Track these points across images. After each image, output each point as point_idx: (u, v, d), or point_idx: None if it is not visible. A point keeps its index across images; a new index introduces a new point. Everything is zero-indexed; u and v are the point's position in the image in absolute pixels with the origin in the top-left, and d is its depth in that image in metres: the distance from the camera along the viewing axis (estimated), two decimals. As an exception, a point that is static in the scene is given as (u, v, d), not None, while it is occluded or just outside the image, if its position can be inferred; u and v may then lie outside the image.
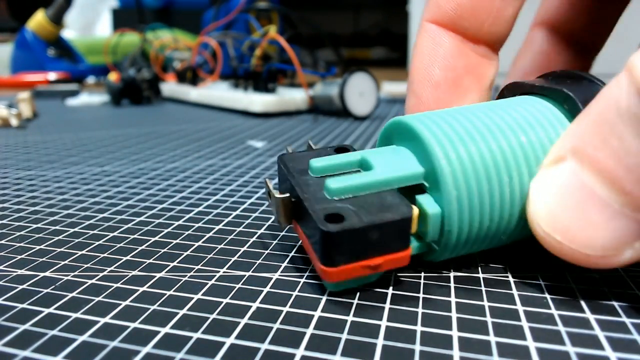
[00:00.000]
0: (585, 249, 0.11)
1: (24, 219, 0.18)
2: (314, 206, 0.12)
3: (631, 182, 0.10)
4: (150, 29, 0.82)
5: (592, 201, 0.10)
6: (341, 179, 0.12)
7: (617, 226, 0.10)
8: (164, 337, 0.10)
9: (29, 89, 0.67)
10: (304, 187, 0.13)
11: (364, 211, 0.11)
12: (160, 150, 0.31)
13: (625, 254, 0.10)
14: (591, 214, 0.10)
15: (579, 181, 0.10)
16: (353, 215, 0.11)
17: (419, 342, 0.10)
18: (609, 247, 0.10)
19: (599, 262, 0.11)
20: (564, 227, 0.11)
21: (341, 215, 0.11)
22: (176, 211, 0.19)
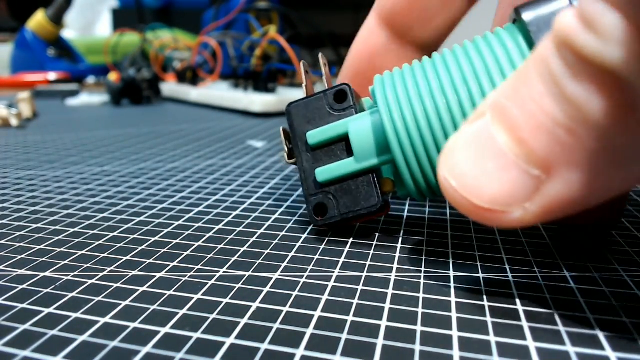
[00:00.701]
0: (474, 198, 0.10)
1: (24, 219, 0.18)
2: (307, 196, 0.16)
3: (530, 133, 0.09)
4: (150, 29, 0.82)
5: (491, 149, 0.10)
6: (327, 170, 0.15)
7: (509, 178, 0.10)
8: (164, 337, 0.10)
9: (29, 89, 0.67)
10: (302, 161, 0.16)
11: (341, 199, 0.15)
12: (160, 150, 0.31)
13: (514, 213, 0.10)
14: (487, 161, 0.10)
15: (485, 130, 0.10)
16: (334, 206, 0.15)
17: (419, 342, 0.10)
18: (497, 201, 0.10)
19: (485, 215, 0.10)
20: (461, 173, 0.10)
21: (325, 206, 0.16)
22: (176, 211, 0.19)
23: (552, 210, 0.10)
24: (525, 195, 0.10)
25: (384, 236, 0.16)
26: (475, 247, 0.15)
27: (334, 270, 0.14)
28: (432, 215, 0.18)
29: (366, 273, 0.13)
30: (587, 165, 0.09)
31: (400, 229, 0.17)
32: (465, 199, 0.10)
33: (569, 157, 0.09)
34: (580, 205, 0.10)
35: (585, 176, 0.09)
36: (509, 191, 0.10)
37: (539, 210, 0.10)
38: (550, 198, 0.09)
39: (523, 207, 0.10)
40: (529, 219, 0.10)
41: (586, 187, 0.09)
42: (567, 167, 0.09)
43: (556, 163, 0.09)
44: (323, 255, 0.15)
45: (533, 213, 0.10)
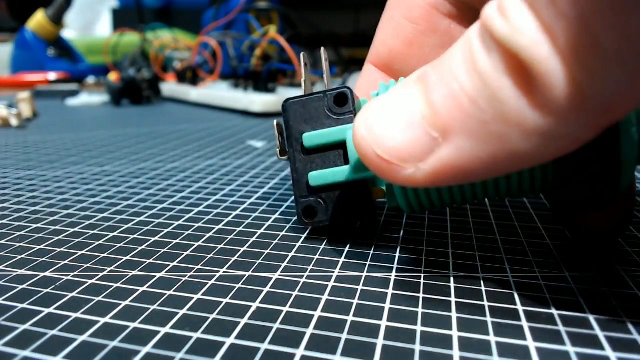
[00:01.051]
0: (377, 147, 0.11)
1: (24, 219, 0.18)
2: (297, 197, 0.16)
3: (440, 97, 0.10)
4: (150, 29, 0.82)
5: (405, 107, 0.11)
6: (321, 175, 0.15)
7: (411, 135, 0.10)
8: (164, 337, 0.10)
9: (29, 89, 0.67)
10: (295, 164, 0.16)
11: (332, 207, 0.15)
12: (160, 150, 0.31)
13: (408, 169, 0.11)
14: (398, 117, 0.11)
15: (406, 91, 0.11)
16: (322, 210, 0.15)
17: (419, 342, 0.10)
18: (396, 155, 0.11)
19: (382, 166, 0.11)
20: (373, 123, 0.11)
21: (315, 210, 0.16)
22: (176, 211, 0.19)
23: (441, 174, 0.10)
24: (420, 154, 0.10)
25: (384, 236, 0.16)
26: (475, 247, 0.15)
27: (334, 270, 0.14)
28: (432, 215, 0.18)
29: (366, 273, 0.13)
30: (480, 135, 0.10)
31: (400, 229, 0.17)
32: (369, 146, 0.11)
33: (466, 125, 0.10)
34: (467, 174, 0.10)
35: (475, 145, 0.10)
36: (408, 147, 0.11)
37: (429, 170, 0.10)
38: (440, 161, 0.10)
39: (416, 166, 0.11)
40: (419, 178, 0.11)
41: (474, 156, 0.10)
42: (462, 134, 0.10)
43: (454, 129, 0.10)
44: (323, 255, 0.15)
45: (423, 172, 0.10)
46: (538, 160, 0.10)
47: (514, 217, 0.18)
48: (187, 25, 1.00)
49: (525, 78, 0.09)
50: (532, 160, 0.10)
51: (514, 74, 0.09)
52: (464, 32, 0.11)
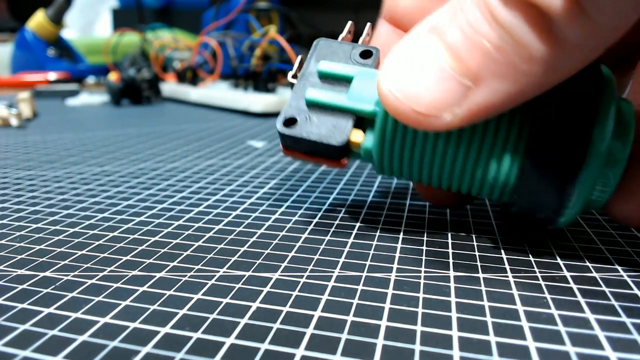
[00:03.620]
0: (414, 105, 0.12)
1: (24, 219, 0.18)
2: (289, 105, 0.15)
3: (466, 51, 0.11)
4: (150, 29, 0.82)
5: (432, 65, 0.12)
6: (318, 92, 0.15)
7: (445, 87, 0.12)
8: (164, 337, 0.10)
9: (29, 89, 0.67)
10: (302, 80, 0.16)
11: (315, 125, 0.15)
12: (160, 150, 0.31)
13: (445, 116, 0.12)
14: (428, 75, 0.12)
15: (427, 49, 0.12)
16: (303, 125, 0.15)
17: (419, 342, 0.10)
18: (433, 106, 0.12)
19: (421, 120, 0.12)
20: (404, 85, 0.12)
21: (296, 121, 0.15)
22: (176, 211, 0.19)
23: (477, 114, 0.12)
24: (455, 101, 0.12)
25: (384, 236, 0.16)
26: (475, 247, 0.15)
27: (334, 270, 0.14)
28: (432, 216, 0.18)
29: (366, 273, 0.13)
30: (510, 76, 0.11)
31: (400, 229, 0.17)
32: (406, 106, 0.12)
33: (496, 70, 0.11)
34: (497, 109, 0.12)
35: (506, 85, 0.11)
36: (443, 98, 0.12)
37: (466, 113, 0.12)
38: (475, 103, 0.12)
39: (452, 111, 0.12)
40: (455, 121, 0.12)
41: (506, 93, 0.11)
42: (493, 78, 0.11)
43: (484, 74, 0.11)
44: (323, 255, 0.15)
45: (459, 116, 0.12)
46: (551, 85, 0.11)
47: (514, 217, 0.18)
48: (187, 25, 1.00)
49: (543, 21, 0.10)
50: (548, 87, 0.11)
51: (533, 20, 0.10)
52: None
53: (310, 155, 0.15)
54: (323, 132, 0.15)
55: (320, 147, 0.15)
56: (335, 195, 0.21)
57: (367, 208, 0.19)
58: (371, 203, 0.19)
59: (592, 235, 0.16)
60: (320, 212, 0.18)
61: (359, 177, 0.23)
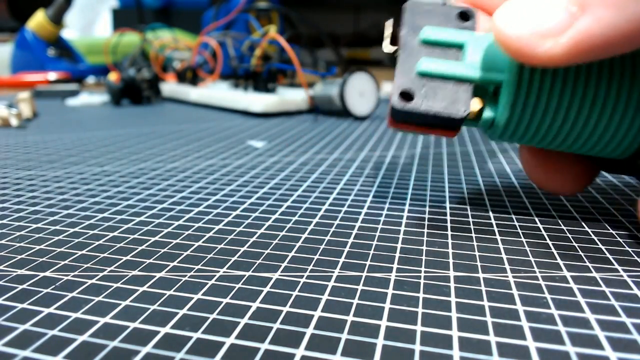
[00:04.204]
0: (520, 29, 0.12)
1: (24, 219, 0.18)
2: (399, 77, 0.15)
3: None
4: (150, 29, 0.82)
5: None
6: (432, 64, 0.14)
7: (551, 13, 0.12)
8: (164, 337, 0.10)
9: (29, 89, 0.67)
10: (406, 52, 0.15)
11: (431, 97, 0.14)
12: (160, 150, 0.31)
13: (547, 43, 0.12)
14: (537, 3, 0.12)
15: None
16: (419, 98, 0.14)
17: (419, 342, 0.10)
18: (536, 31, 0.12)
19: (522, 45, 0.12)
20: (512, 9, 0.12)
21: (411, 95, 0.14)
22: (176, 211, 0.19)
23: (578, 46, 0.11)
24: (560, 28, 0.12)
25: (384, 236, 0.16)
26: (475, 247, 0.15)
27: (334, 270, 0.14)
28: (432, 216, 0.18)
29: (366, 273, 0.13)
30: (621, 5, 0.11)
31: (401, 229, 0.17)
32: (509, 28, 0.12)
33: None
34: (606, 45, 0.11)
35: (613, 13, 0.11)
36: (547, 23, 0.12)
37: (568, 42, 0.11)
38: (579, 32, 0.11)
39: (555, 39, 0.12)
40: (557, 51, 0.12)
41: (612, 23, 0.11)
42: (599, 4, 0.11)
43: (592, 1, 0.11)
44: (323, 255, 0.15)
45: (562, 45, 0.11)
46: None
47: (514, 217, 0.18)
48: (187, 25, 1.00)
49: None
50: None
51: None
52: None
53: (423, 127, 0.15)
54: (443, 104, 0.14)
55: (439, 120, 0.14)
56: (336, 195, 0.21)
57: (367, 208, 0.19)
58: (371, 203, 0.19)
59: (592, 236, 0.16)
60: (321, 212, 0.18)
61: (358, 177, 0.23)
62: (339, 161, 0.27)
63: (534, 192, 0.21)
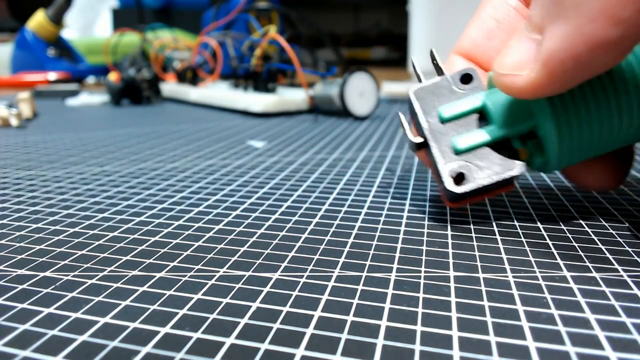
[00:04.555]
0: (501, 69, 0.13)
1: (24, 219, 0.18)
2: (443, 164, 0.15)
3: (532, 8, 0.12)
4: (150, 29, 0.82)
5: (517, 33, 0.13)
6: (466, 138, 0.15)
7: (521, 46, 0.13)
8: (164, 337, 0.10)
9: (29, 89, 0.67)
10: (434, 137, 0.16)
11: (482, 168, 0.15)
12: (160, 150, 0.31)
13: (523, 74, 0.13)
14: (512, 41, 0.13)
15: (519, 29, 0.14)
16: (473, 174, 0.15)
17: (419, 342, 0.10)
18: (513, 66, 0.13)
19: (505, 80, 0.13)
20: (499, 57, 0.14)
21: (463, 175, 0.15)
22: (176, 211, 0.19)
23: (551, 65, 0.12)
24: (531, 58, 0.13)
25: (384, 236, 0.16)
26: (475, 247, 0.15)
27: (334, 270, 0.14)
28: (432, 215, 0.18)
29: (366, 273, 0.13)
30: (561, 15, 0.11)
31: (401, 228, 0.17)
32: (496, 72, 0.14)
33: (550, 14, 0.12)
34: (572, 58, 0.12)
35: (561, 25, 0.12)
36: (521, 57, 0.13)
37: (542, 67, 0.12)
38: (545, 54, 0.12)
39: (530, 68, 0.13)
40: (535, 77, 0.12)
41: (567, 34, 0.12)
42: (550, 23, 0.12)
43: (544, 23, 0.12)
44: (323, 255, 0.15)
45: (537, 71, 0.12)
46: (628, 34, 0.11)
47: (514, 217, 0.18)
48: (187, 25, 1.00)
49: None
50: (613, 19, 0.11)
51: None
52: None
53: (483, 194, 0.15)
54: (496, 169, 0.15)
55: (498, 184, 0.15)
56: (336, 195, 0.21)
57: (367, 208, 0.19)
58: (371, 203, 0.19)
59: (592, 235, 0.16)
60: (320, 212, 0.18)
61: (358, 177, 0.23)
62: (339, 161, 0.27)
63: (534, 191, 0.21)
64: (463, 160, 0.15)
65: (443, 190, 0.15)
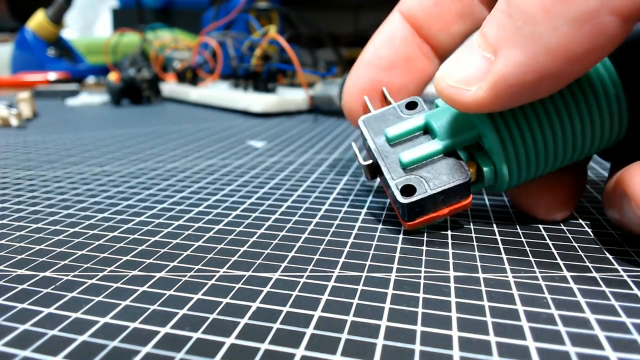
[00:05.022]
0: (448, 79, 0.13)
1: (24, 219, 0.18)
2: (391, 179, 0.15)
3: (488, 26, 0.12)
4: (150, 29, 0.82)
5: (468, 46, 0.13)
6: (411, 152, 0.15)
7: (472, 62, 0.13)
8: (164, 337, 0.10)
9: (29, 89, 0.67)
10: (382, 156, 0.16)
11: (431, 178, 0.15)
12: (160, 150, 0.31)
13: (471, 90, 0.13)
14: (462, 53, 0.13)
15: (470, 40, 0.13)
16: (422, 185, 0.15)
17: (419, 342, 0.10)
18: (462, 80, 0.13)
19: (452, 92, 0.13)
20: (445, 66, 0.14)
21: (413, 186, 0.15)
22: (176, 211, 0.19)
23: (499, 87, 0.12)
24: (480, 75, 0.12)
25: (384, 236, 0.16)
26: (475, 247, 0.15)
27: (334, 270, 0.14)
28: (432, 215, 0.18)
29: (366, 273, 0.13)
30: (518, 41, 0.11)
31: (400, 228, 0.17)
32: (442, 81, 0.13)
33: (507, 38, 0.12)
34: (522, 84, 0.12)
35: (517, 52, 0.12)
36: (470, 72, 0.13)
37: (490, 87, 0.12)
38: (495, 75, 0.12)
39: (478, 85, 0.12)
40: (482, 95, 0.12)
41: (520, 62, 0.12)
42: (506, 46, 0.12)
43: (500, 45, 0.12)
44: (323, 255, 0.15)
45: (485, 90, 0.12)
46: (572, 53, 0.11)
47: (514, 217, 0.18)
48: (187, 25, 1.00)
49: None
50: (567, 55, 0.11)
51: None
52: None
53: (439, 209, 0.15)
54: (445, 179, 0.15)
55: (450, 193, 0.15)
56: (335, 195, 0.21)
57: (367, 208, 0.19)
58: (371, 203, 0.19)
59: (592, 235, 0.16)
60: (320, 212, 0.18)
61: (358, 177, 0.23)
62: (339, 161, 0.27)
63: (534, 192, 0.21)
64: (411, 174, 0.15)
65: (397, 210, 0.16)
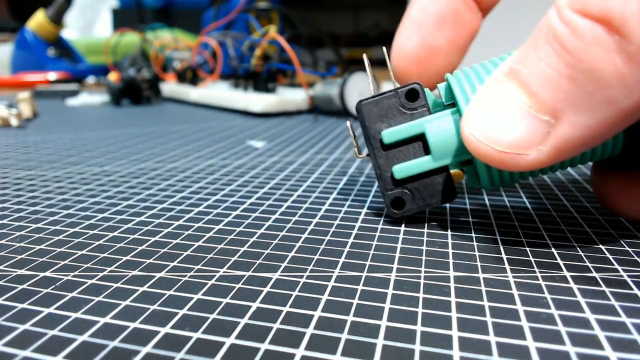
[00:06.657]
0: (496, 145, 0.12)
1: (24, 219, 0.18)
2: (384, 190, 0.16)
3: (539, 86, 0.11)
4: (150, 29, 0.82)
5: (509, 104, 0.12)
6: (404, 167, 0.16)
7: (524, 125, 0.12)
8: (164, 337, 0.10)
9: (29, 89, 0.67)
10: (377, 157, 0.16)
11: (420, 192, 0.16)
12: (160, 150, 0.31)
13: (530, 154, 0.12)
14: (505, 114, 0.12)
15: (503, 91, 0.12)
16: (411, 201, 0.16)
17: (419, 342, 0.10)
18: (515, 145, 0.12)
19: (505, 159, 0.12)
20: (484, 127, 0.12)
21: (403, 201, 0.16)
22: (176, 211, 0.19)
23: (563, 150, 0.12)
24: (538, 139, 0.12)
25: (384, 236, 0.16)
26: (475, 247, 0.15)
27: (334, 270, 0.14)
28: (432, 215, 0.18)
29: (366, 273, 0.13)
30: (588, 106, 0.11)
31: (401, 228, 0.17)
32: (488, 147, 0.12)
33: (572, 102, 0.11)
34: (587, 143, 0.11)
35: (586, 116, 0.11)
36: (524, 136, 0.12)
37: (551, 150, 0.12)
38: (559, 139, 0.11)
39: (537, 149, 0.12)
40: (543, 158, 0.12)
41: (587, 125, 0.11)
42: (571, 111, 0.11)
43: (562, 108, 0.11)
44: (323, 255, 0.15)
45: (546, 153, 0.12)
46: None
47: (514, 217, 0.18)
48: (187, 25, 1.00)
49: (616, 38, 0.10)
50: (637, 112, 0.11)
51: (604, 40, 0.10)
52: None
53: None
54: (433, 197, 0.16)
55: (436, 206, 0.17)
56: (335, 195, 0.21)
57: (367, 208, 0.19)
58: (371, 203, 0.19)
59: (592, 235, 0.16)
60: (320, 212, 0.18)
61: (358, 177, 0.23)
62: (339, 161, 0.27)
63: (534, 191, 0.21)
64: (403, 187, 0.16)
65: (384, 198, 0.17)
